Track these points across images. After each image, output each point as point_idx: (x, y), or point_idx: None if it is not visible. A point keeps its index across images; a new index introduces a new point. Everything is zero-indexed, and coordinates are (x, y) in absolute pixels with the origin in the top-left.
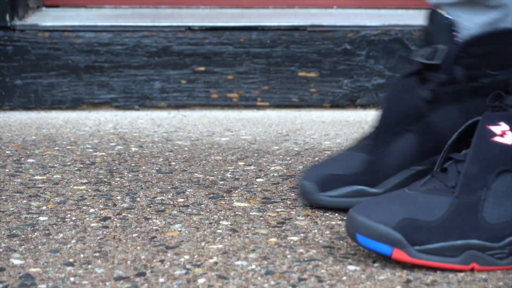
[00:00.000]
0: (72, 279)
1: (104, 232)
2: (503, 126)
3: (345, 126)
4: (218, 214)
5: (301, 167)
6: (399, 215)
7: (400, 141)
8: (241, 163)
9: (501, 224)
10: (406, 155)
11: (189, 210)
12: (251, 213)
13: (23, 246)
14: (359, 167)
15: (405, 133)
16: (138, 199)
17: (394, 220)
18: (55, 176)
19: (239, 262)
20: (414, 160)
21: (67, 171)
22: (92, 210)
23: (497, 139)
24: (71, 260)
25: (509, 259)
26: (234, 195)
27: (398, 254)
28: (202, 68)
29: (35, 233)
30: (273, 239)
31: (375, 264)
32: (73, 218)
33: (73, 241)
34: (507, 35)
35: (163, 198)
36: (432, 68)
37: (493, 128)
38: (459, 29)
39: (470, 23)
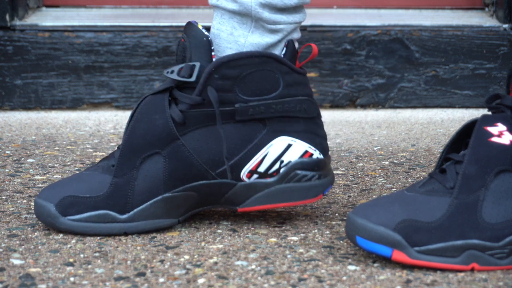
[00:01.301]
0: (72, 279)
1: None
2: (500, 126)
3: (345, 126)
4: (218, 214)
5: None
6: (398, 216)
7: (149, 164)
8: None
9: (501, 224)
10: (156, 180)
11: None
12: (251, 213)
13: (23, 246)
14: (105, 190)
15: (154, 156)
16: None
17: (393, 221)
18: (55, 176)
19: (239, 262)
20: (166, 187)
21: (67, 171)
22: None
23: (494, 139)
24: (71, 260)
25: (509, 258)
26: None
27: (398, 255)
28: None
29: (35, 233)
30: (273, 239)
31: (375, 264)
32: None
33: (73, 241)
34: (262, 60)
35: None
36: (186, 87)
37: (491, 129)
38: (218, 46)
39: (243, 39)
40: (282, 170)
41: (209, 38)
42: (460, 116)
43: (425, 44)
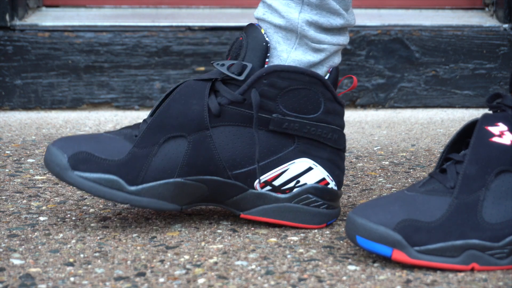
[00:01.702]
0: (72, 279)
1: (104, 232)
2: (501, 126)
3: (345, 126)
4: (218, 214)
5: None
6: (399, 216)
7: (172, 145)
8: None
9: (501, 224)
10: (174, 162)
11: (189, 210)
12: None
13: (23, 246)
14: (122, 156)
15: (179, 138)
16: None
17: (393, 221)
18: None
19: (239, 262)
20: (180, 171)
21: None
22: (92, 210)
23: (495, 139)
24: (71, 260)
25: (509, 258)
26: None
27: (398, 255)
28: (202, 68)
29: (35, 233)
30: (273, 239)
31: (375, 264)
32: (73, 218)
33: (73, 241)
34: (312, 81)
35: None
36: (230, 83)
37: (491, 129)
38: (272, 55)
39: (285, 54)
40: (295, 189)
41: (268, 45)
42: (460, 116)
43: (425, 44)
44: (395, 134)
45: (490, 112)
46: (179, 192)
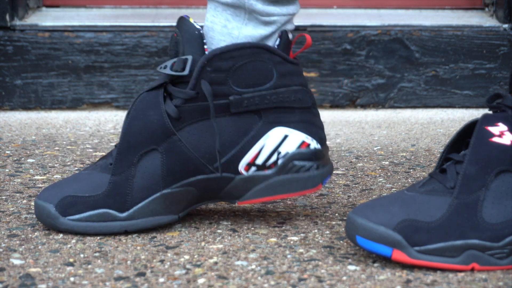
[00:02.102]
0: (72, 279)
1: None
2: (501, 126)
3: (345, 126)
4: (218, 214)
5: None
6: (399, 216)
7: (147, 161)
8: None
9: (501, 224)
10: (154, 176)
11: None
12: (251, 213)
13: (23, 246)
14: (104, 189)
15: (151, 153)
16: None
17: (393, 221)
18: (55, 176)
19: (239, 262)
20: (164, 183)
21: (67, 171)
22: None
23: (495, 139)
24: (71, 260)
25: (509, 258)
26: None
27: (398, 255)
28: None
29: (35, 233)
30: (273, 239)
31: (375, 264)
32: None
33: (73, 241)
34: (254, 51)
35: None
36: (179, 82)
37: (491, 129)
38: (223, 34)
39: (236, 31)
40: (279, 161)
41: (201, 32)
42: (460, 116)
43: (425, 44)
44: (395, 134)
45: (490, 112)
46: (170, 202)
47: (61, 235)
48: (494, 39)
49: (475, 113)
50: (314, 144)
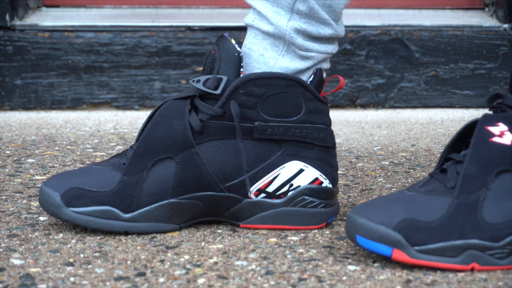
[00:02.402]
0: (72, 279)
1: (104, 232)
2: (502, 126)
3: (345, 126)
4: None
5: None
6: (399, 216)
7: (160, 168)
8: None
9: (501, 224)
10: (165, 184)
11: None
12: None
13: (23, 246)
14: (113, 186)
15: (166, 160)
16: None
17: (393, 221)
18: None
19: (239, 262)
20: (173, 192)
21: None
22: None
23: (495, 139)
24: (71, 260)
25: (509, 258)
26: None
27: (398, 254)
28: (202, 68)
29: (35, 233)
30: (273, 239)
31: (375, 264)
32: None
33: (73, 241)
34: (288, 83)
35: None
36: (208, 97)
37: (492, 129)
38: (259, 62)
39: (272, 61)
40: (290, 193)
41: (241, 54)
42: (460, 116)
43: (425, 44)
44: (395, 134)
45: (491, 112)
46: (175, 212)
47: (61, 235)
48: (494, 39)
49: (475, 113)
50: (326, 183)
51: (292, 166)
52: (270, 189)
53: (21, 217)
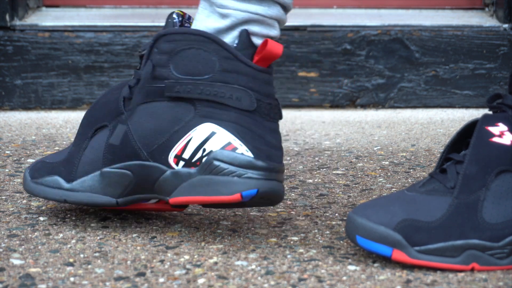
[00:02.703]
0: (72, 279)
1: (104, 232)
2: (502, 126)
3: (345, 126)
4: (218, 214)
5: (301, 167)
6: (399, 216)
7: (98, 137)
8: None
9: (501, 224)
10: (99, 153)
11: (189, 210)
12: (251, 213)
13: (23, 246)
14: (62, 158)
15: (103, 129)
16: None
17: (393, 221)
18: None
19: (239, 262)
20: (105, 160)
21: None
22: (92, 210)
23: (495, 139)
24: (71, 260)
25: (509, 258)
26: None
27: (398, 255)
28: None
29: (35, 233)
30: (273, 239)
31: (375, 264)
32: (73, 218)
33: (73, 241)
34: (199, 39)
35: None
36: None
37: (492, 129)
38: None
39: (199, 23)
40: (203, 159)
41: (174, 21)
42: (460, 116)
43: (425, 44)
44: (395, 134)
45: (490, 112)
46: (107, 182)
47: (61, 235)
48: (494, 39)
49: (475, 113)
50: (243, 150)
51: (203, 129)
52: (186, 155)
53: (21, 217)
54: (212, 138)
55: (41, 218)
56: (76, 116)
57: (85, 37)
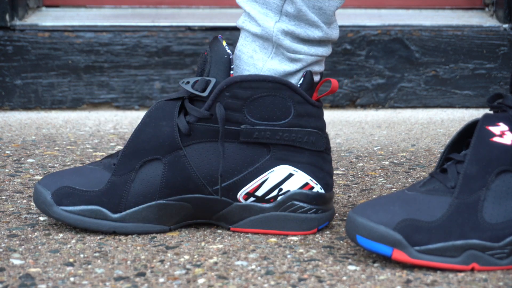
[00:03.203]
0: (72, 279)
1: (104, 232)
2: (502, 126)
3: (345, 126)
4: None
5: None
6: (399, 216)
7: (148, 169)
8: None
9: (501, 224)
10: (153, 185)
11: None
12: None
13: (23, 246)
14: (102, 186)
15: (154, 162)
16: None
17: (394, 221)
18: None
19: (239, 262)
20: (161, 194)
21: None
22: None
23: (496, 139)
24: (71, 260)
25: (509, 259)
26: None
27: (398, 254)
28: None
29: (35, 233)
30: (273, 239)
31: (375, 264)
32: None
33: (73, 241)
34: (275, 86)
35: None
36: (197, 100)
37: (492, 129)
38: (248, 64)
39: (261, 63)
40: (279, 198)
41: (230, 57)
42: (460, 116)
43: (425, 44)
44: (395, 134)
45: (491, 112)
46: (163, 213)
47: (61, 235)
48: (494, 39)
49: (475, 113)
50: (317, 188)
51: (281, 170)
52: (259, 193)
53: (21, 217)
54: (290, 179)
55: (41, 218)
56: (76, 116)
57: (85, 37)
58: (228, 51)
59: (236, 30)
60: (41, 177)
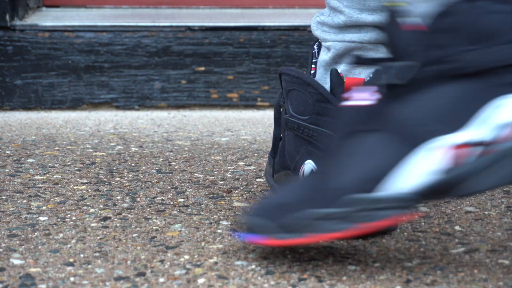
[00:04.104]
0: (72, 279)
1: (104, 232)
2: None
3: None
4: (218, 214)
5: None
6: (268, 203)
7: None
8: (241, 163)
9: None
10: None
11: (189, 210)
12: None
13: (23, 246)
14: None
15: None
16: (138, 199)
17: (262, 209)
18: (55, 176)
19: (239, 262)
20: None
21: (67, 171)
22: (92, 210)
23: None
24: (71, 260)
25: (346, 223)
26: (234, 195)
27: (264, 240)
28: (202, 68)
29: (35, 233)
30: None
31: (375, 264)
32: (73, 218)
33: (73, 241)
34: (297, 80)
35: (163, 198)
36: None
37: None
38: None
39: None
40: None
41: (314, 51)
42: None
43: None
44: None
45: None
46: None
47: (61, 235)
48: None
49: None
50: None
51: (307, 166)
52: None
53: (21, 217)
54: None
55: (41, 218)
56: (76, 116)
57: (85, 37)
58: (314, 46)
59: (235, 29)
60: (41, 177)
